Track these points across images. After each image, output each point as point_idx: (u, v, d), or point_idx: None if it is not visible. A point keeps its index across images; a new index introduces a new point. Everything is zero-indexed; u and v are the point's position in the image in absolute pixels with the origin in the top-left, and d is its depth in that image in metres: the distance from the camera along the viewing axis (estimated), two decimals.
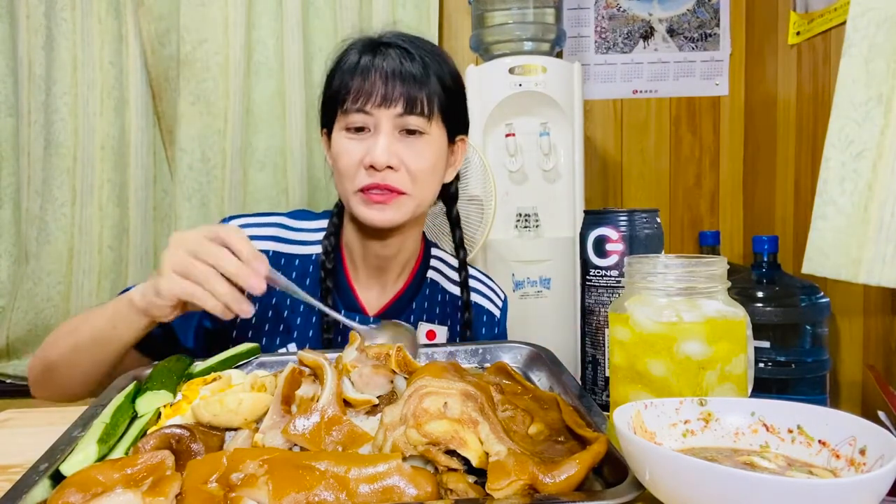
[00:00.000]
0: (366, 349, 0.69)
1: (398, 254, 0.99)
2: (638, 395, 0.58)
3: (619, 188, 1.99)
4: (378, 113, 0.87)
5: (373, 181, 0.87)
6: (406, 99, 0.87)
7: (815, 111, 1.55)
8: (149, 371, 0.71)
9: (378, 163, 0.86)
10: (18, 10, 1.70)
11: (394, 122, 0.88)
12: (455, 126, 0.96)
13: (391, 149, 0.87)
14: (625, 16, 1.96)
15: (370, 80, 0.87)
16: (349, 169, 0.89)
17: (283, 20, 1.73)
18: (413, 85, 0.88)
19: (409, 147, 0.89)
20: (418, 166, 0.89)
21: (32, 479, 0.49)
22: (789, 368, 1.21)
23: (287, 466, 0.47)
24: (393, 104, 0.87)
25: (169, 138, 1.78)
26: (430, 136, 0.90)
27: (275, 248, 0.97)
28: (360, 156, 0.88)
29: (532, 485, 0.46)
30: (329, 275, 0.95)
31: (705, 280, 0.58)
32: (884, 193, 0.97)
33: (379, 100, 0.87)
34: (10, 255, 1.80)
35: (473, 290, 1.07)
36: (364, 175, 0.88)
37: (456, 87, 0.94)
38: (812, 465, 0.47)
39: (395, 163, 0.87)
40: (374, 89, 0.87)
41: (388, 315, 0.99)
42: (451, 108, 0.93)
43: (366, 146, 0.88)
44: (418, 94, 0.88)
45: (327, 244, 0.97)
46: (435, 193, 0.96)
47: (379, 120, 0.88)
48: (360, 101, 0.87)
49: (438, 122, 0.91)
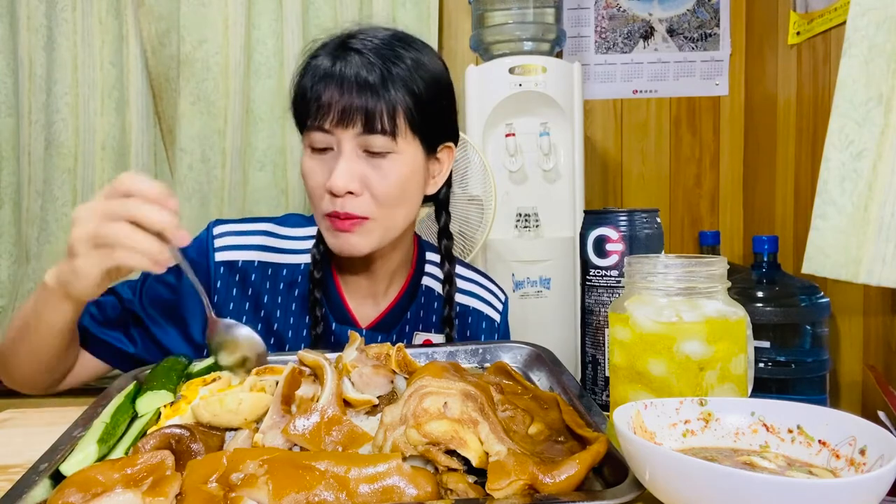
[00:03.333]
0: (366, 349, 0.69)
1: (386, 264, 0.95)
2: (638, 395, 0.58)
3: (619, 188, 1.99)
4: (338, 132, 0.81)
5: (334, 208, 0.82)
6: (364, 115, 0.80)
7: (815, 111, 1.55)
8: (149, 371, 0.71)
9: (336, 188, 0.80)
10: (19, 10, 1.70)
11: (355, 142, 0.81)
12: (435, 136, 0.88)
13: (351, 172, 0.81)
14: (625, 16, 1.96)
15: (328, 91, 0.81)
16: (314, 192, 0.84)
17: (283, 20, 1.73)
18: (371, 98, 0.80)
19: (375, 168, 0.82)
20: (383, 190, 0.82)
21: (32, 479, 0.49)
22: (789, 368, 1.21)
23: (287, 466, 0.47)
24: (351, 123, 0.80)
25: (169, 138, 1.78)
26: (398, 155, 0.83)
27: (260, 258, 0.93)
28: (324, 178, 0.82)
29: (532, 485, 0.46)
30: (318, 286, 0.91)
31: (705, 280, 0.58)
32: (884, 193, 0.97)
33: (337, 117, 0.80)
34: (11, 255, 1.80)
35: (471, 295, 1.04)
36: (328, 200, 0.83)
37: (434, 93, 0.85)
38: (812, 465, 0.47)
39: (355, 188, 0.81)
40: (332, 102, 0.80)
41: (381, 327, 0.96)
42: (425, 118, 0.84)
43: (328, 167, 0.82)
44: (377, 107, 0.80)
45: (316, 254, 0.92)
46: (410, 214, 0.89)
47: (340, 139, 0.81)
48: (320, 118, 0.82)
49: (408, 137, 0.83)
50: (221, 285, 0.91)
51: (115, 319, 0.89)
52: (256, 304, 0.92)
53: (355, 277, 0.95)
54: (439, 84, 0.87)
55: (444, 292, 0.98)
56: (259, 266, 0.93)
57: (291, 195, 1.77)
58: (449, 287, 0.98)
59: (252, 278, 0.92)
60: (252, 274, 0.92)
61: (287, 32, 1.73)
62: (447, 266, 0.98)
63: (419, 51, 0.87)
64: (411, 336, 0.99)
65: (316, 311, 0.91)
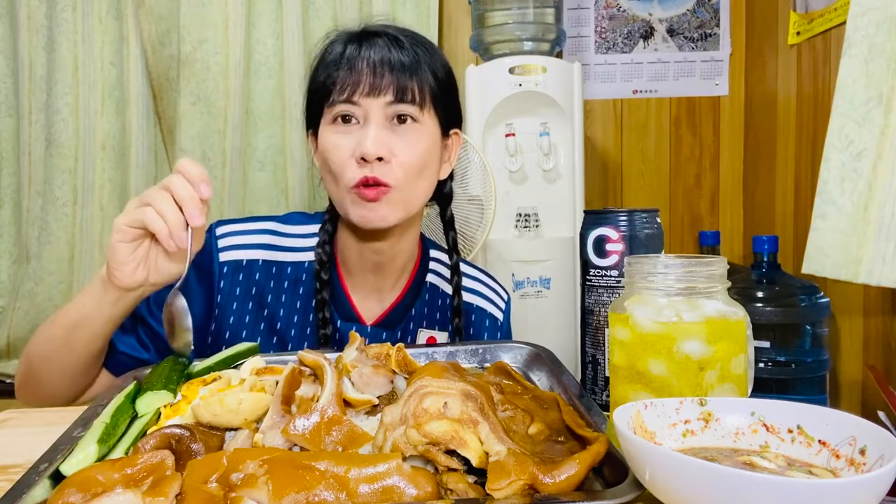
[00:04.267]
0: (366, 349, 0.69)
1: (395, 257, 0.95)
2: (638, 394, 0.58)
3: (619, 188, 1.99)
4: (367, 103, 0.84)
5: (364, 175, 0.83)
6: (396, 87, 0.84)
7: (815, 111, 1.55)
8: (149, 371, 0.71)
9: (368, 153, 0.82)
10: (19, 10, 1.70)
11: (384, 112, 0.84)
12: (448, 118, 0.92)
13: (382, 139, 0.83)
14: (625, 16, 1.96)
15: (357, 69, 0.84)
16: (340, 164, 0.85)
17: (283, 20, 1.73)
18: (403, 73, 0.84)
19: (401, 137, 0.85)
20: (410, 158, 0.85)
21: (32, 479, 0.49)
22: (789, 368, 1.21)
23: (287, 466, 0.47)
24: (382, 93, 0.84)
25: (169, 138, 1.78)
26: (422, 126, 0.87)
27: (265, 257, 0.93)
28: (351, 149, 0.84)
29: (532, 485, 0.46)
30: (324, 284, 0.92)
31: (705, 280, 0.58)
32: (884, 193, 0.97)
33: (367, 89, 0.84)
34: (11, 255, 1.81)
35: (475, 293, 1.05)
36: (356, 169, 0.84)
37: (447, 79, 0.91)
38: (812, 465, 0.47)
39: (385, 153, 0.83)
40: (361, 78, 0.84)
41: (386, 323, 0.97)
42: (443, 99, 0.90)
43: (355, 138, 0.84)
44: (409, 82, 0.84)
45: (321, 252, 0.93)
46: (427, 190, 0.92)
47: (368, 110, 0.84)
48: (347, 92, 0.84)
49: (431, 112, 0.88)
50: (226, 284, 0.91)
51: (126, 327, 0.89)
52: (260, 302, 0.92)
53: (362, 272, 0.96)
54: (451, 74, 0.93)
55: (453, 283, 0.99)
56: (263, 265, 0.93)
57: (291, 195, 1.77)
58: (457, 278, 0.99)
59: (256, 277, 0.93)
60: (256, 273, 0.93)
61: (287, 32, 1.73)
62: (455, 257, 1.00)
63: (429, 43, 0.92)
64: (415, 333, 0.99)
65: (324, 313, 0.91)
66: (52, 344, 0.80)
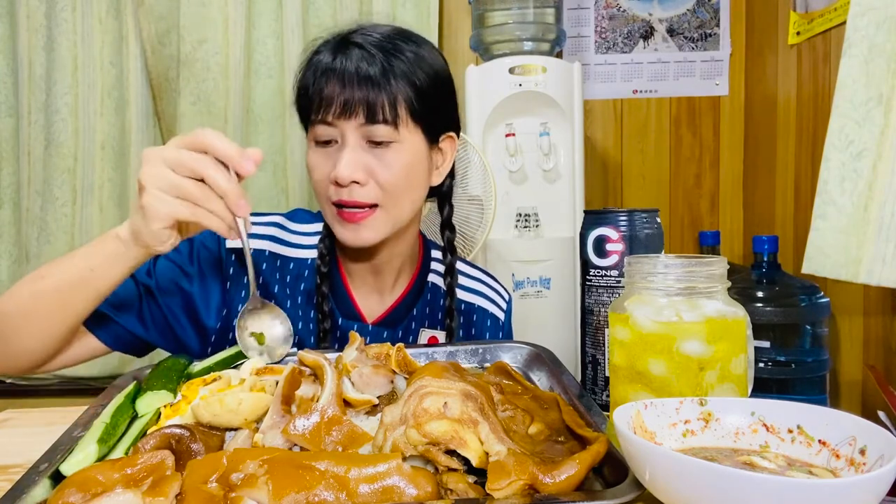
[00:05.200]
0: (366, 349, 0.69)
1: (391, 260, 0.96)
2: (638, 394, 0.58)
3: (619, 188, 1.99)
4: (340, 124, 0.84)
5: (341, 196, 0.84)
6: (366, 106, 0.82)
7: (815, 111, 1.55)
8: (149, 371, 0.71)
9: (341, 178, 0.82)
10: (19, 10, 1.70)
11: (358, 132, 0.84)
12: (436, 126, 0.90)
13: (356, 163, 0.83)
14: (625, 16, 1.96)
15: (330, 85, 0.83)
16: (319, 184, 0.87)
17: (283, 20, 1.73)
18: (372, 90, 0.82)
19: (379, 158, 0.84)
20: (388, 179, 0.84)
21: (32, 479, 0.49)
22: (789, 368, 1.21)
23: (287, 466, 0.47)
24: (354, 114, 0.83)
25: (169, 138, 1.77)
26: (400, 144, 0.85)
27: (271, 249, 0.95)
28: (329, 170, 0.85)
29: (532, 485, 0.46)
30: (325, 280, 0.93)
31: (705, 280, 0.58)
32: (884, 193, 0.97)
33: (339, 109, 0.83)
34: (11, 255, 1.81)
35: (477, 293, 1.05)
36: (333, 190, 0.85)
37: (434, 84, 0.88)
38: (812, 465, 0.47)
39: (360, 177, 0.83)
40: (333, 95, 0.83)
41: (387, 322, 0.97)
42: (426, 109, 0.87)
43: (334, 160, 0.84)
44: (378, 99, 0.82)
45: (323, 248, 0.94)
46: (416, 202, 0.91)
47: (343, 131, 0.84)
48: (322, 112, 0.84)
49: (410, 127, 0.85)
50: (234, 272, 0.92)
51: (129, 302, 0.87)
52: (266, 293, 0.93)
53: (361, 272, 0.96)
54: (439, 76, 0.89)
55: (445, 283, 0.99)
56: (269, 256, 0.94)
57: (291, 195, 1.77)
58: (451, 278, 0.99)
59: (263, 268, 0.94)
60: (263, 263, 0.94)
61: (287, 32, 1.73)
62: (449, 257, 1.00)
63: (419, 45, 0.89)
64: (417, 332, 0.99)
65: (323, 306, 0.92)
66: (40, 302, 0.74)
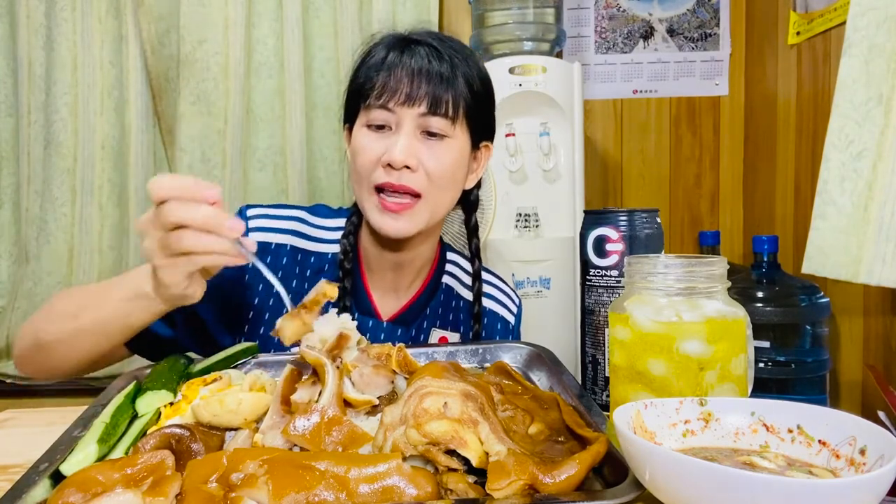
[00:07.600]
0: (367, 349, 0.69)
1: (414, 259, 0.97)
2: (638, 394, 0.58)
3: (619, 188, 1.99)
4: (401, 111, 0.86)
5: (388, 180, 0.85)
6: (431, 98, 0.85)
7: (815, 111, 1.55)
8: (149, 371, 0.71)
9: (396, 161, 0.84)
10: (18, 10, 1.70)
11: (416, 122, 0.86)
12: (480, 131, 0.94)
13: (411, 148, 0.85)
14: (625, 16, 1.96)
15: (396, 76, 0.86)
16: (366, 165, 0.87)
17: (283, 20, 1.73)
18: (439, 85, 0.86)
19: (430, 149, 0.87)
20: (437, 169, 0.87)
21: (32, 479, 0.49)
22: (789, 368, 1.21)
23: (287, 466, 0.47)
24: (417, 103, 0.85)
25: (169, 138, 1.78)
26: (452, 140, 0.88)
27: (293, 243, 0.95)
28: (379, 153, 0.86)
29: (532, 485, 0.46)
30: (346, 276, 0.94)
31: (705, 280, 0.58)
32: (884, 193, 0.97)
33: (403, 97, 0.85)
34: (11, 255, 1.81)
35: (489, 297, 1.06)
36: (381, 173, 0.86)
37: (484, 92, 0.92)
38: (812, 465, 0.47)
39: (413, 163, 0.85)
40: (398, 86, 0.85)
41: (401, 320, 0.98)
42: (477, 113, 0.91)
43: (385, 144, 0.86)
44: (443, 94, 0.86)
45: (346, 244, 0.95)
46: (453, 200, 0.93)
47: (401, 118, 0.86)
48: (384, 98, 0.86)
49: (462, 126, 0.89)
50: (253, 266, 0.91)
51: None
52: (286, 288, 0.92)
53: (382, 269, 0.97)
54: (488, 85, 0.94)
55: (474, 289, 1.01)
56: (291, 251, 0.95)
57: (292, 195, 1.77)
58: (478, 284, 1.01)
59: (283, 262, 0.94)
60: (284, 258, 0.94)
61: (287, 32, 1.73)
62: (477, 263, 1.02)
63: (472, 53, 0.93)
64: (429, 332, 1.00)
65: (344, 302, 0.93)
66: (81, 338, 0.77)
